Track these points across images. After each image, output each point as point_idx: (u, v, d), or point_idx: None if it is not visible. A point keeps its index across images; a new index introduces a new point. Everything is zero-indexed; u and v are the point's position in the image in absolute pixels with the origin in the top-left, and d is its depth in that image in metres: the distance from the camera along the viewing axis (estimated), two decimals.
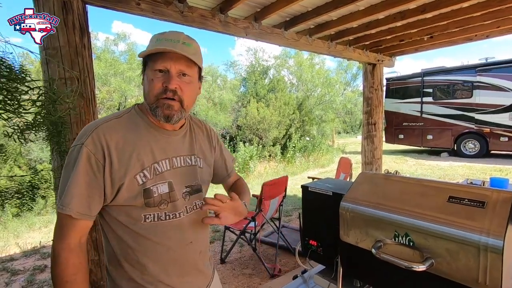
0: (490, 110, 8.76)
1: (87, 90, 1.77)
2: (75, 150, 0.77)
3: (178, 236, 0.88)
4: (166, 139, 0.89)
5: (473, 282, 0.66)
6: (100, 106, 9.04)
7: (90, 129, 0.79)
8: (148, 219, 0.83)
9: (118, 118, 0.84)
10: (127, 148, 0.80)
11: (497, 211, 0.67)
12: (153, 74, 0.81)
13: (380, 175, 0.98)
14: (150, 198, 0.82)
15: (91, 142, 0.77)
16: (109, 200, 0.80)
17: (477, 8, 2.66)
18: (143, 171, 0.81)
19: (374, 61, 4.15)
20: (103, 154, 0.77)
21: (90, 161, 0.76)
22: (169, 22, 2.30)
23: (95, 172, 0.77)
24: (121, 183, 0.78)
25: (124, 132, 0.82)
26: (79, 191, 0.75)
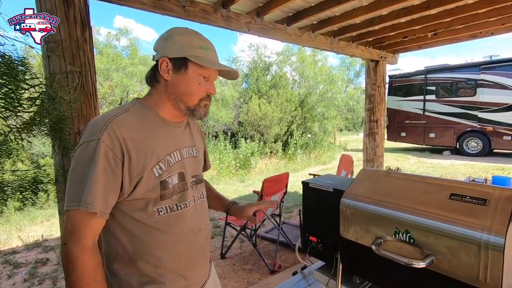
0: (494, 108, 8.70)
1: (88, 84, 1.77)
2: (91, 146, 0.75)
3: (188, 225, 0.90)
4: (173, 131, 0.91)
5: (473, 279, 0.66)
6: (102, 101, 9.05)
7: (103, 124, 0.77)
8: (161, 212, 0.84)
9: (126, 112, 0.83)
10: (142, 142, 0.81)
11: (499, 208, 0.67)
12: (199, 79, 0.87)
13: (381, 172, 0.97)
14: (166, 190, 0.84)
15: (108, 137, 0.75)
16: (126, 195, 0.79)
17: (482, 5, 2.62)
18: (159, 163, 0.83)
19: (377, 58, 4.12)
20: (121, 149, 0.76)
21: (107, 157, 0.75)
22: (171, 16, 2.29)
23: (113, 168, 0.75)
24: (140, 177, 0.79)
25: (136, 126, 0.82)
26: (100, 188, 0.73)
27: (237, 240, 3.34)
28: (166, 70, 0.85)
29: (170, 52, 0.84)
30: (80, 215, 0.74)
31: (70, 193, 0.75)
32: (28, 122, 1.30)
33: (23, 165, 6.68)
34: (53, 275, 2.95)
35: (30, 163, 7.11)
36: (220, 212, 1.28)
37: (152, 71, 0.90)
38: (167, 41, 0.86)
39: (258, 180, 7.03)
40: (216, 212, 4.33)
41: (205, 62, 0.85)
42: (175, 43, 0.85)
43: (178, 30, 0.88)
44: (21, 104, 1.23)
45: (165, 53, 0.85)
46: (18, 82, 1.19)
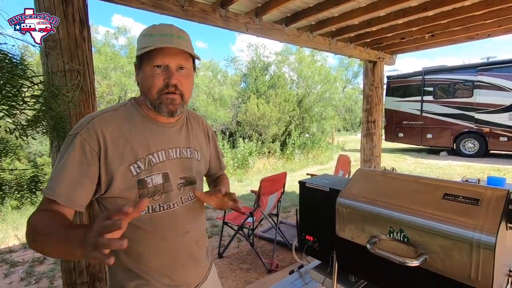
0: (490, 109, 8.75)
1: (86, 83, 1.77)
2: (69, 139, 0.78)
3: (173, 226, 0.89)
4: (162, 130, 0.90)
5: (465, 278, 0.67)
6: (100, 100, 9.02)
7: (85, 121, 0.81)
8: (142, 212, 0.82)
9: (114, 111, 0.85)
10: (121, 139, 0.81)
11: (490, 208, 0.68)
12: (152, 71, 0.82)
13: (377, 172, 0.98)
14: (144, 189, 0.83)
15: (86, 131, 0.78)
16: (104, 191, 0.80)
17: (479, 7, 2.65)
18: (137, 162, 0.82)
19: (374, 59, 4.14)
20: (98, 143, 0.78)
21: (84, 149, 0.76)
22: (170, 16, 2.29)
23: (89, 161, 0.77)
24: (114, 174, 0.79)
25: (119, 123, 0.83)
26: (68, 177, 0.75)
27: (234, 239, 3.34)
28: (136, 73, 0.88)
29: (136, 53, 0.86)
30: (45, 201, 0.76)
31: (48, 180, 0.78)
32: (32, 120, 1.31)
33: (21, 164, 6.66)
34: (50, 274, 2.95)
35: (28, 162, 7.08)
36: (218, 211, 1.28)
37: None
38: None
39: (256, 179, 7.03)
40: (214, 212, 4.33)
41: (142, 49, 0.80)
42: (138, 42, 0.85)
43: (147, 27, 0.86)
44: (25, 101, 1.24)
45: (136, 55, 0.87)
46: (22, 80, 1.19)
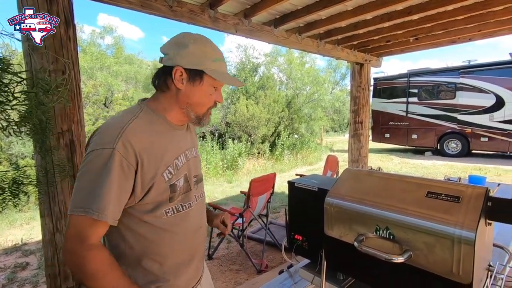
0: (472, 111, 9.06)
1: (72, 83, 1.73)
2: (105, 154, 0.75)
3: (191, 223, 0.94)
4: (178, 134, 0.94)
5: (447, 273, 0.70)
6: (85, 100, 8.81)
7: (117, 132, 0.77)
8: (168, 213, 0.87)
9: (137, 118, 0.83)
10: (153, 149, 0.83)
11: (470, 205, 0.71)
12: (211, 91, 0.90)
13: (363, 172, 1.01)
14: (175, 193, 0.87)
15: (122, 146, 0.76)
16: (137, 201, 0.81)
17: (460, 12, 2.74)
18: (168, 168, 0.85)
19: (361, 61, 4.22)
20: (135, 158, 0.78)
21: (122, 165, 0.75)
22: (158, 16, 2.27)
23: (127, 176, 0.77)
24: (152, 183, 0.81)
25: (148, 133, 0.84)
26: (113, 196, 0.74)
27: (224, 240, 3.34)
28: (180, 80, 0.86)
29: (185, 63, 0.84)
30: (86, 221, 0.73)
31: (78, 198, 0.74)
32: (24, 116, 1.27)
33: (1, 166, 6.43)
34: (33, 279, 2.86)
35: (9, 164, 6.84)
36: None
37: (163, 77, 0.89)
38: (182, 50, 0.85)
39: (246, 180, 7.03)
40: None
41: (220, 77, 0.88)
42: (191, 53, 0.85)
43: (193, 38, 0.87)
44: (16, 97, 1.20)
45: (180, 62, 0.84)
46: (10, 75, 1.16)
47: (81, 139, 1.79)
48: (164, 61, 0.87)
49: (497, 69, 8.57)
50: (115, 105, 9.44)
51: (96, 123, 8.46)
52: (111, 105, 9.66)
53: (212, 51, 0.89)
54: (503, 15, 2.76)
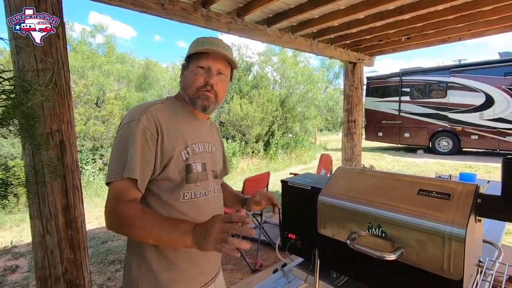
0: (462, 109, 9.21)
1: (61, 82, 1.70)
2: (132, 125, 0.86)
3: (211, 212, 0.95)
4: (199, 125, 1.02)
5: (439, 269, 0.70)
6: (76, 100, 8.68)
7: (142, 109, 0.89)
8: (186, 197, 0.92)
9: (163, 103, 0.96)
10: (173, 128, 0.92)
11: (461, 202, 0.72)
12: (196, 70, 0.95)
13: (356, 170, 1.01)
14: (190, 173, 0.92)
15: (146, 118, 0.87)
16: (157, 173, 0.88)
17: (450, 11, 2.78)
18: (186, 148, 0.93)
19: (354, 60, 4.24)
20: (156, 128, 0.87)
21: (145, 134, 0.85)
22: (150, 14, 2.24)
23: (150, 145, 0.85)
24: (171, 157, 0.88)
25: (169, 114, 0.94)
26: (139, 160, 0.83)
27: None
28: (181, 72, 1.02)
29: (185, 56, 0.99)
30: (123, 184, 0.81)
31: (113, 167, 0.83)
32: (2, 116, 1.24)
33: None
34: (23, 282, 2.81)
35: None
36: None
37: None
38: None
39: (240, 180, 7.03)
40: None
41: (193, 51, 0.94)
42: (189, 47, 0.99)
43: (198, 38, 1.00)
44: None
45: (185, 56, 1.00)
46: None
47: (71, 139, 1.76)
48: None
49: (486, 68, 8.73)
50: (107, 104, 9.32)
51: (88, 123, 8.34)
52: (103, 104, 9.54)
53: (202, 38, 0.97)
54: (491, 15, 2.81)
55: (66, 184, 1.74)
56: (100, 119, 8.92)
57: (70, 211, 1.75)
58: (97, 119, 8.79)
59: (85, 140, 8.31)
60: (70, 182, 1.76)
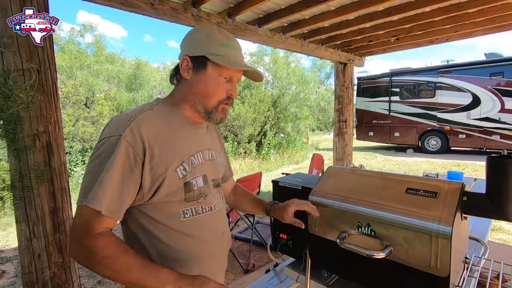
0: (450, 109, 9.40)
1: (48, 83, 1.66)
2: (111, 141, 0.71)
3: (214, 228, 0.87)
4: (196, 132, 0.88)
5: (426, 266, 0.72)
6: (65, 100, 8.52)
7: (126, 120, 0.74)
8: (187, 215, 0.81)
9: (151, 109, 0.80)
10: (165, 141, 0.78)
11: (447, 200, 0.73)
12: (218, 80, 0.82)
13: (346, 169, 1.02)
14: (190, 192, 0.80)
15: (130, 133, 0.72)
16: (147, 198, 0.75)
17: (438, 13, 2.83)
18: (183, 163, 0.80)
19: (345, 61, 4.28)
20: (142, 147, 0.73)
21: (128, 154, 0.71)
22: (139, 14, 2.22)
23: (132, 167, 0.71)
24: (163, 178, 0.75)
25: (161, 123, 0.79)
26: (114, 187, 0.69)
27: None
28: (186, 69, 0.83)
29: (190, 50, 0.82)
30: (89, 212, 0.68)
31: (83, 188, 0.71)
32: None
33: None
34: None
35: None
36: None
37: (175, 70, 0.88)
38: (189, 38, 0.84)
39: None
40: None
41: (225, 62, 0.80)
42: (196, 40, 0.82)
43: (202, 27, 0.86)
44: None
45: (186, 51, 0.83)
46: None
47: (58, 140, 1.72)
48: (179, 56, 0.86)
49: (473, 68, 8.93)
50: (96, 105, 9.18)
51: (77, 124, 8.19)
52: (93, 105, 9.39)
53: (220, 36, 0.82)
54: (477, 17, 2.87)
55: (54, 186, 1.70)
56: (89, 120, 8.78)
57: (58, 214, 1.71)
58: (86, 120, 8.65)
59: (74, 141, 8.16)
60: (58, 185, 1.72)
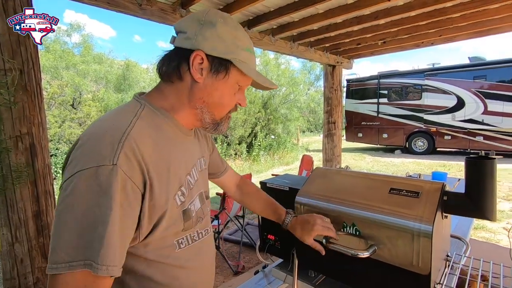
0: (436, 111, 9.64)
1: (31, 83, 1.62)
2: (101, 174, 0.50)
3: (207, 253, 0.77)
4: (189, 141, 0.74)
5: (408, 265, 0.73)
6: (50, 101, 8.32)
7: (116, 140, 0.54)
8: (182, 245, 0.67)
9: (139, 119, 0.60)
10: (161, 161, 0.60)
11: (429, 200, 0.75)
12: (235, 88, 0.69)
13: (332, 170, 1.03)
14: (189, 220, 0.67)
15: (125, 160, 0.53)
16: (143, 238, 0.59)
17: (422, 18, 2.91)
18: (181, 188, 0.65)
19: (333, 63, 4.34)
20: (142, 176, 0.55)
21: (126, 190, 0.52)
22: (126, 14, 2.20)
23: (131, 203, 0.54)
24: (163, 211, 0.59)
25: (154, 138, 0.61)
26: (119, 238, 0.51)
27: None
28: (198, 69, 0.63)
29: (209, 47, 0.63)
30: (83, 279, 0.49)
31: (66, 247, 0.48)
32: None
33: None
34: None
35: None
36: None
37: (175, 62, 0.65)
38: (207, 29, 0.63)
39: None
40: None
41: (250, 72, 0.67)
42: (218, 36, 0.63)
43: (222, 17, 0.65)
44: None
45: (203, 45, 0.62)
46: None
47: (42, 142, 1.68)
48: (180, 41, 0.64)
49: (457, 71, 9.20)
50: (83, 106, 9.00)
51: (63, 125, 8.01)
52: (80, 106, 9.20)
53: (244, 38, 0.67)
54: (460, 22, 2.96)
55: (38, 189, 1.66)
56: (76, 121, 8.60)
57: (42, 218, 1.67)
58: (73, 121, 8.47)
59: (60, 143, 7.98)
60: (42, 188, 1.68)
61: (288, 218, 0.93)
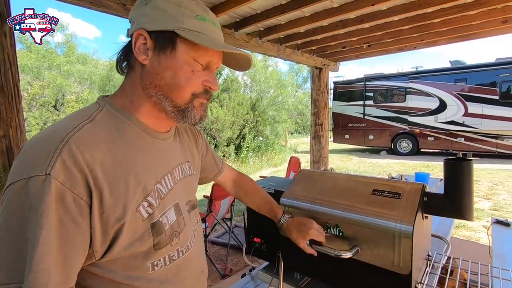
0: (420, 113, 9.92)
1: (9, 84, 1.56)
2: (32, 187, 0.45)
3: (192, 270, 0.69)
4: (162, 145, 0.65)
5: (390, 265, 0.74)
6: (31, 102, 8.05)
7: (53, 146, 0.48)
8: (157, 266, 0.60)
9: (91, 123, 0.54)
10: (119, 169, 0.54)
11: (409, 201, 0.77)
12: (193, 65, 0.59)
13: (317, 172, 1.04)
14: (161, 235, 0.59)
15: (63, 168, 0.47)
16: (99, 256, 0.52)
17: (405, 22, 2.98)
18: (147, 198, 0.57)
19: (320, 65, 4.39)
20: (86, 185, 0.49)
21: (64, 201, 0.47)
22: (110, 14, 2.15)
23: (75, 217, 0.48)
24: (120, 225, 0.53)
25: (109, 143, 0.54)
26: (55, 256, 0.46)
27: None
28: (143, 50, 0.57)
29: (149, 22, 0.56)
30: None
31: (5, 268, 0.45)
32: None
33: None
34: None
35: None
36: None
37: (124, 52, 0.61)
38: (147, 5, 0.58)
39: (210, 184, 6.93)
40: None
41: (203, 40, 0.57)
42: (158, 7, 0.57)
43: None
44: None
45: (142, 23, 0.57)
46: None
47: (21, 145, 1.62)
48: (129, 30, 0.60)
49: (439, 75, 9.50)
50: (66, 107, 8.76)
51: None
52: (63, 107, 8.95)
53: (193, 5, 0.59)
54: (441, 27, 3.06)
55: None
56: None
57: None
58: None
59: None
60: None
61: (285, 218, 0.92)
